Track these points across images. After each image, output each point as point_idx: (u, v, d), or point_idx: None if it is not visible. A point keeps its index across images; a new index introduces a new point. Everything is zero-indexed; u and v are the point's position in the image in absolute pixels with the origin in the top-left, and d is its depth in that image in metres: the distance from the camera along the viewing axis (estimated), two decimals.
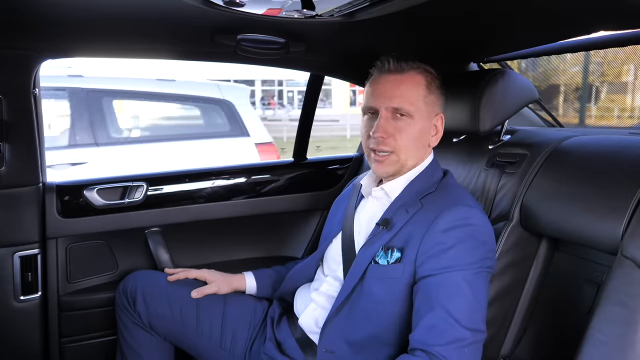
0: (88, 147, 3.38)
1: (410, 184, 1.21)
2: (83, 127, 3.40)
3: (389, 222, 1.16)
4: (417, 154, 1.21)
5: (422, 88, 1.19)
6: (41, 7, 1.11)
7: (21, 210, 1.50)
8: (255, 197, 1.88)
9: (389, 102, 1.17)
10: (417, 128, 1.18)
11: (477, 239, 1.08)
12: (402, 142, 1.17)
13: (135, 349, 1.40)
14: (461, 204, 1.12)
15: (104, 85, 3.57)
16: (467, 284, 1.03)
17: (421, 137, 1.20)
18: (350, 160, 2.05)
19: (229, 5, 1.04)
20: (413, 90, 1.18)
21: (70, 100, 3.45)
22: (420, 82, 1.19)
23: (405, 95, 1.17)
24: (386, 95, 1.18)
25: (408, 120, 1.17)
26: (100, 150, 3.41)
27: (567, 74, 4.32)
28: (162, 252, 1.72)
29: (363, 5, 1.02)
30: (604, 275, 1.14)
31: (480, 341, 1.04)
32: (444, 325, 1.00)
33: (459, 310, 1.01)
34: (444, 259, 1.05)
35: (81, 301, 1.64)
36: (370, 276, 1.14)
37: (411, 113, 1.17)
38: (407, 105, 1.16)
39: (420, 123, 1.18)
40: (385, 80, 1.20)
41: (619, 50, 2.64)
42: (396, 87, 1.18)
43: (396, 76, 1.19)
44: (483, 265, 1.07)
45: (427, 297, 1.04)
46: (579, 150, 1.26)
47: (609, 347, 0.89)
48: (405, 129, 1.17)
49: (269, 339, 1.33)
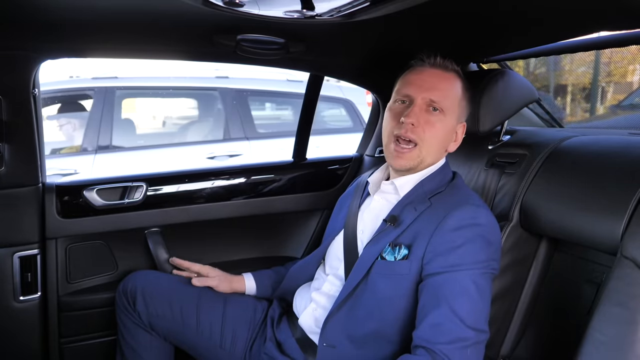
0: (240, 140, 3.78)
1: (420, 183, 1.21)
2: (235, 123, 3.82)
3: (397, 218, 1.16)
4: (436, 153, 1.22)
5: (460, 90, 1.22)
6: (41, 8, 1.11)
7: (21, 210, 1.50)
8: (255, 198, 1.88)
9: (427, 93, 1.18)
10: (446, 128, 1.19)
11: (485, 239, 1.09)
12: (429, 135, 1.17)
13: (135, 349, 1.40)
14: (471, 204, 1.13)
15: (247, 85, 3.95)
16: (473, 284, 1.04)
17: (445, 137, 1.21)
18: (350, 160, 2.04)
19: (229, 6, 1.04)
20: (453, 89, 1.20)
21: (222, 100, 3.88)
22: (459, 85, 1.22)
23: (445, 91, 1.19)
24: (426, 86, 1.18)
25: (440, 117, 1.18)
26: (250, 143, 3.79)
27: (573, 74, 4.33)
28: (161, 252, 1.72)
29: (363, 6, 1.01)
30: (603, 276, 1.14)
31: (483, 342, 1.04)
32: (449, 324, 1.00)
33: (464, 310, 1.01)
34: (452, 257, 1.05)
35: (81, 301, 1.63)
36: (375, 272, 1.14)
37: (445, 110, 1.18)
38: (445, 101, 1.18)
39: (450, 123, 1.20)
40: (428, 72, 1.21)
41: (625, 51, 2.64)
42: (438, 81, 1.19)
43: (440, 71, 1.21)
44: (489, 266, 1.08)
45: (433, 295, 1.04)
46: (578, 151, 1.26)
47: (609, 347, 0.89)
48: (435, 124, 1.18)
49: (269, 339, 1.34)
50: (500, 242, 1.15)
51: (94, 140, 3.47)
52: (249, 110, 3.93)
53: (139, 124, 4.08)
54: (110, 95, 3.55)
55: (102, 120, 3.50)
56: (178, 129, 4.37)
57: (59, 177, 3.14)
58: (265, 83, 4.00)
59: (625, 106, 6.43)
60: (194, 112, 4.35)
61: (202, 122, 4.20)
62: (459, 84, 1.22)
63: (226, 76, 3.89)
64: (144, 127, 4.39)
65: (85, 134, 3.50)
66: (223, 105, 3.89)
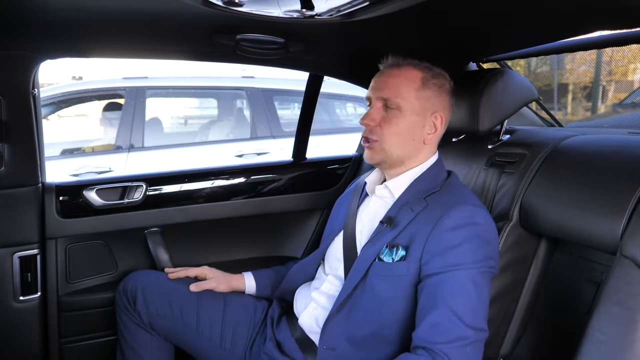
0: (267, 139, 3.86)
1: (414, 183, 1.21)
2: (261, 122, 3.91)
3: (393, 220, 1.16)
4: (404, 147, 1.21)
5: (416, 83, 1.20)
6: (41, 8, 1.11)
7: (21, 210, 1.50)
8: (255, 197, 1.88)
9: (379, 93, 1.21)
10: (405, 122, 1.20)
11: (483, 238, 1.09)
12: (387, 131, 1.20)
13: (135, 349, 1.40)
14: (467, 203, 1.13)
15: (272, 85, 4.03)
16: (472, 283, 1.04)
17: (410, 131, 1.20)
18: (349, 160, 2.04)
19: (228, 5, 1.04)
20: (405, 84, 1.20)
21: (249, 99, 3.99)
22: (415, 77, 1.20)
23: (395, 88, 1.20)
24: (379, 86, 1.22)
25: (396, 113, 1.19)
26: (277, 142, 3.85)
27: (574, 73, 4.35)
28: (161, 252, 1.72)
29: (362, 5, 1.01)
30: (603, 275, 1.14)
31: (482, 340, 1.05)
32: (448, 323, 1.00)
33: (463, 309, 1.01)
34: (449, 257, 1.05)
35: (81, 301, 1.64)
36: (373, 274, 1.14)
37: (400, 106, 1.19)
38: (396, 98, 1.19)
39: (410, 117, 1.20)
40: (383, 73, 1.24)
41: (626, 49, 2.65)
42: (390, 80, 1.21)
43: (392, 70, 1.23)
44: (487, 264, 1.08)
45: (431, 295, 1.04)
46: (578, 150, 1.26)
47: (609, 346, 0.89)
48: (392, 121, 1.19)
49: (269, 339, 1.34)
50: (497, 242, 1.15)
51: (127, 138, 3.54)
52: (275, 109, 4.03)
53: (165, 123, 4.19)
54: (141, 95, 3.63)
55: (134, 120, 3.58)
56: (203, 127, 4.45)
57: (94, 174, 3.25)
58: (290, 83, 4.07)
59: (626, 105, 6.43)
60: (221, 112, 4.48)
61: (228, 121, 4.31)
62: (414, 75, 1.20)
63: (252, 76, 3.99)
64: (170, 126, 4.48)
65: (118, 133, 3.57)
66: (250, 105, 4.01)
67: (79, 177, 3.22)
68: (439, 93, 1.23)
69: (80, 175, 3.27)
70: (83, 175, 3.26)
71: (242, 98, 4.19)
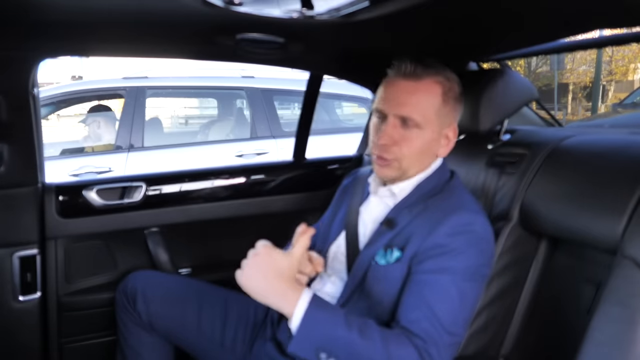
0: (267, 139, 3.83)
1: (418, 187, 1.20)
2: (261, 122, 3.89)
3: (393, 222, 1.16)
4: (420, 164, 1.19)
5: (437, 99, 1.14)
6: (40, 7, 1.11)
7: (20, 210, 1.50)
8: (255, 197, 1.88)
9: (398, 110, 1.13)
10: (424, 139, 1.15)
11: (478, 247, 1.08)
12: (407, 151, 1.14)
13: (135, 349, 1.40)
14: (466, 209, 1.12)
15: (272, 85, 4.00)
16: (456, 290, 1.03)
17: (428, 148, 1.17)
18: (349, 160, 2.04)
19: (228, 5, 1.03)
20: (426, 100, 1.13)
21: (249, 99, 3.96)
22: (436, 93, 1.14)
23: (416, 105, 1.12)
24: (397, 101, 1.14)
25: (416, 131, 1.13)
26: (277, 142, 3.82)
27: (574, 73, 4.38)
28: (161, 252, 1.72)
29: (362, 6, 1.01)
30: (603, 275, 1.13)
31: (457, 343, 1.06)
32: (426, 323, 1.00)
33: (443, 313, 1.01)
34: (440, 261, 1.05)
35: (81, 301, 1.64)
36: (370, 276, 1.14)
37: (420, 124, 1.13)
38: (417, 116, 1.12)
39: (430, 135, 1.15)
40: (399, 85, 1.15)
41: (626, 49, 2.66)
42: (409, 95, 1.12)
43: (411, 82, 1.13)
44: (478, 272, 1.08)
45: (415, 293, 1.04)
46: (578, 150, 1.26)
47: (609, 346, 0.88)
48: (411, 140, 1.14)
49: (270, 339, 1.33)
50: (493, 250, 1.14)
51: (127, 138, 3.54)
52: (275, 109, 4.01)
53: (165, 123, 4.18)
54: (141, 95, 3.63)
55: (134, 119, 3.58)
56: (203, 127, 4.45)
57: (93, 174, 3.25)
58: (290, 83, 4.06)
59: (626, 104, 6.45)
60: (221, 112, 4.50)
61: (228, 121, 4.31)
62: (436, 91, 1.14)
63: (252, 76, 3.97)
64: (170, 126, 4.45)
65: (118, 133, 3.57)
66: (250, 105, 4.00)
67: (78, 177, 3.22)
68: (455, 106, 1.19)
69: (80, 175, 3.27)
70: (83, 175, 3.27)
71: (242, 98, 4.19)
